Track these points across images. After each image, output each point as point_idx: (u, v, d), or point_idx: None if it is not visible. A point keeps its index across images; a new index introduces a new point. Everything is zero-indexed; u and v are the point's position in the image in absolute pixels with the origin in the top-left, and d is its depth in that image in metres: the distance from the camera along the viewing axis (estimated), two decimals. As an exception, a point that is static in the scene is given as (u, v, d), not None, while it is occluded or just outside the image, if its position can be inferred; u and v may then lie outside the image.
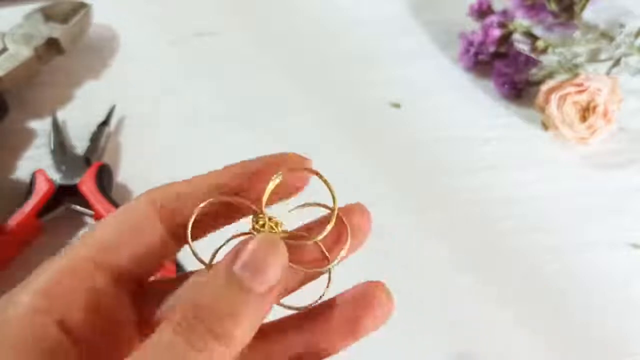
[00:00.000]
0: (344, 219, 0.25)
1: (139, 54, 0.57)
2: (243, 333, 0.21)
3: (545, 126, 0.51)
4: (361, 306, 0.24)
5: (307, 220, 0.26)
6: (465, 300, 0.43)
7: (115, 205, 0.44)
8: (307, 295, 0.25)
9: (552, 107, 0.49)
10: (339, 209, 0.25)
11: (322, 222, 0.25)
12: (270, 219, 0.24)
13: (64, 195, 0.45)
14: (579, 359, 0.41)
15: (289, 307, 0.24)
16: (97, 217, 0.44)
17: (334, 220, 0.24)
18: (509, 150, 0.51)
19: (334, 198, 0.24)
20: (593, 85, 0.48)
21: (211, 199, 0.24)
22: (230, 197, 0.24)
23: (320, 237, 0.24)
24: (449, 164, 0.51)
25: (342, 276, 0.25)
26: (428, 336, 0.42)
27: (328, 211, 0.25)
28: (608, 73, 0.52)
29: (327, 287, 0.25)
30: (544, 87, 0.50)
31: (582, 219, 0.47)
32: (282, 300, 0.24)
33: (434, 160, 0.51)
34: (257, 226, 0.23)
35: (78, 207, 0.45)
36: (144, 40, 0.58)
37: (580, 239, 0.46)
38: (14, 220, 0.43)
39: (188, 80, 0.55)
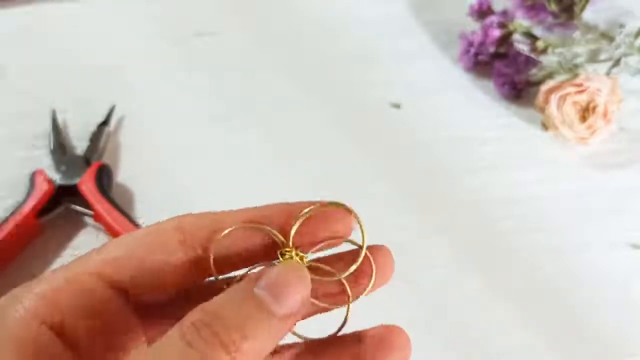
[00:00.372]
0: (371, 259, 0.24)
1: (139, 54, 0.57)
2: (252, 351, 0.20)
3: (545, 126, 0.51)
4: (380, 350, 0.24)
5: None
6: (465, 300, 0.43)
7: (115, 205, 0.44)
8: (315, 323, 0.25)
9: (552, 108, 0.49)
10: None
11: (341, 256, 0.25)
12: (297, 253, 0.23)
13: (63, 195, 0.45)
14: (578, 359, 0.41)
15: (300, 336, 0.24)
16: (97, 217, 0.44)
17: (361, 259, 0.24)
18: (509, 151, 0.51)
19: (363, 236, 0.24)
20: (593, 86, 0.48)
21: (236, 225, 0.23)
22: (258, 225, 0.23)
23: (346, 274, 0.24)
24: (449, 164, 0.51)
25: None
26: (427, 336, 0.41)
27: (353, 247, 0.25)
28: (608, 73, 0.52)
29: (344, 323, 0.24)
30: (544, 88, 0.50)
31: (582, 219, 0.47)
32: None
33: (434, 160, 0.51)
34: (282, 259, 0.23)
35: (78, 207, 0.45)
36: (144, 40, 0.58)
37: (580, 239, 0.46)
38: (13, 220, 0.43)
39: (188, 80, 0.55)
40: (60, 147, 0.48)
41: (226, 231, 0.23)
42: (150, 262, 0.23)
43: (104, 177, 0.46)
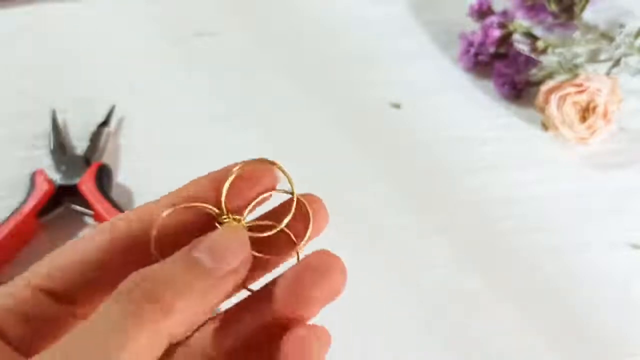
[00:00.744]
0: (303, 201, 0.25)
1: (139, 54, 0.57)
2: (186, 310, 0.20)
3: (545, 126, 0.51)
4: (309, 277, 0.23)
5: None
6: (465, 300, 0.43)
7: (115, 205, 0.44)
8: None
9: (552, 108, 0.49)
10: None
11: (279, 210, 0.25)
12: (233, 218, 0.23)
13: (63, 195, 0.45)
14: (578, 359, 0.41)
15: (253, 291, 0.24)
16: (97, 217, 0.44)
17: (294, 205, 0.24)
18: (509, 151, 0.51)
19: (290, 183, 0.24)
20: (593, 86, 0.48)
21: (171, 209, 0.23)
22: (191, 204, 0.23)
23: (284, 223, 0.24)
24: (449, 164, 0.51)
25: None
26: (427, 336, 0.42)
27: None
28: (608, 73, 0.52)
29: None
30: (544, 88, 0.50)
31: (582, 219, 0.47)
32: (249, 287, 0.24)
33: (434, 160, 0.51)
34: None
35: (78, 207, 0.45)
36: (144, 40, 0.58)
37: (580, 239, 0.46)
38: (13, 220, 0.43)
39: (188, 80, 0.55)
40: (60, 147, 0.48)
41: (164, 214, 0.23)
42: (74, 258, 0.23)
43: (104, 177, 0.46)
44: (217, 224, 0.23)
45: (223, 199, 0.23)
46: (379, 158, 0.51)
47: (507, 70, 0.53)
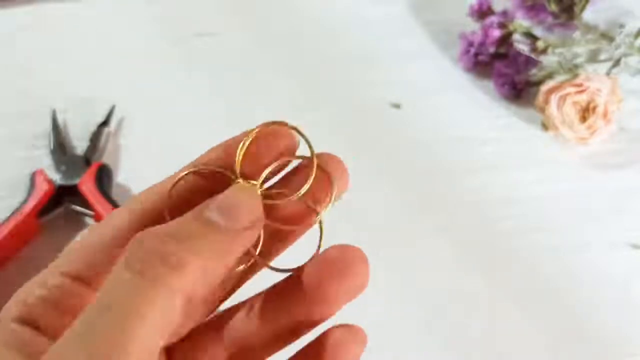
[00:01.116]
0: (323, 165, 0.23)
1: (139, 54, 0.57)
2: (199, 268, 0.19)
3: (545, 127, 0.51)
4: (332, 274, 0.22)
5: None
6: (465, 301, 0.43)
7: (115, 205, 0.44)
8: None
9: (552, 108, 0.49)
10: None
11: (296, 175, 0.24)
12: (248, 182, 0.22)
13: (63, 196, 0.45)
14: (578, 359, 0.41)
15: (279, 270, 0.23)
16: (97, 217, 0.44)
17: (314, 171, 0.23)
18: (509, 151, 0.51)
19: (310, 147, 0.23)
20: (593, 86, 0.48)
21: (185, 172, 0.23)
22: (205, 167, 0.23)
23: (303, 189, 0.23)
24: (449, 164, 0.51)
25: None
26: (427, 336, 0.42)
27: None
28: (608, 73, 0.52)
29: (321, 240, 0.23)
30: (544, 88, 0.50)
31: (582, 219, 0.47)
32: (272, 264, 0.23)
33: (434, 160, 0.51)
34: None
35: (78, 208, 0.45)
36: (144, 40, 0.58)
37: (580, 239, 0.46)
38: (13, 220, 0.43)
39: (188, 81, 0.55)
40: (60, 147, 0.48)
41: (176, 178, 0.23)
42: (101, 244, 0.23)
43: (104, 177, 0.46)
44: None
45: (238, 162, 0.23)
46: (378, 158, 0.51)
47: (507, 70, 0.53)
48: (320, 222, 0.23)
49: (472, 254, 0.46)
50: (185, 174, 0.23)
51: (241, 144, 0.23)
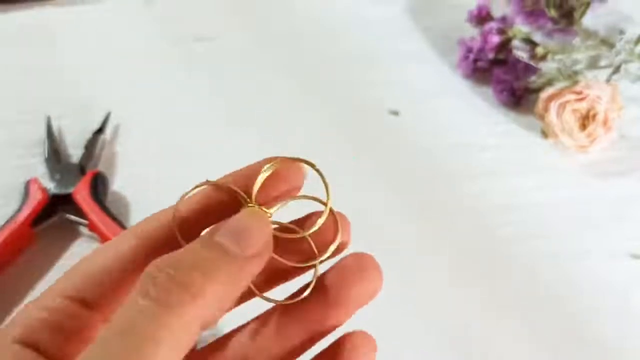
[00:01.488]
0: (335, 214, 0.24)
1: (137, 61, 0.57)
2: (215, 294, 0.20)
3: (544, 134, 0.51)
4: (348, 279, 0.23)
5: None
6: (465, 307, 0.43)
7: (110, 215, 0.44)
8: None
9: (552, 115, 0.49)
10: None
11: (310, 218, 0.24)
12: (260, 207, 0.23)
13: (57, 205, 0.45)
14: (578, 369, 0.41)
15: (269, 300, 0.24)
16: (92, 226, 0.44)
17: (326, 214, 0.24)
18: (508, 157, 0.51)
19: (327, 192, 0.24)
20: (593, 93, 0.48)
21: (199, 186, 0.23)
22: (221, 183, 0.23)
23: (311, 230, 0.23)
24: (448, 170, 0.50)
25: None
26: (426, 343, 0.41)
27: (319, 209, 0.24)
28: (608, 80, 0.51)
29: (313, 282, 0.24)
30: (544, 95, 0.50)
31: (581, 227, 0.47)
32: (265, 294, 0.24)
33: (433, 166, 0.50)
34: None
35: (72, 217, 0.44)
36: (142, 46, 0.58)
37: (580, 247, 0.46)
38: (7, 230, 0.42)
39: (186, 86, 0.55)
40: (54, 154, 0.48)
41: (190, 193, 0.23)
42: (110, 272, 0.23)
43: (99, 186, 0.46)
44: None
45: (257, 184, 0.23)
46: (377, 163, 0.51)
47: (506, 76, 0.53)
48: (316, 266, 0.24)
49: (471, 261, 0.45)
50: (201, 184, 0.23)
51: (263, 169, 0.23)
